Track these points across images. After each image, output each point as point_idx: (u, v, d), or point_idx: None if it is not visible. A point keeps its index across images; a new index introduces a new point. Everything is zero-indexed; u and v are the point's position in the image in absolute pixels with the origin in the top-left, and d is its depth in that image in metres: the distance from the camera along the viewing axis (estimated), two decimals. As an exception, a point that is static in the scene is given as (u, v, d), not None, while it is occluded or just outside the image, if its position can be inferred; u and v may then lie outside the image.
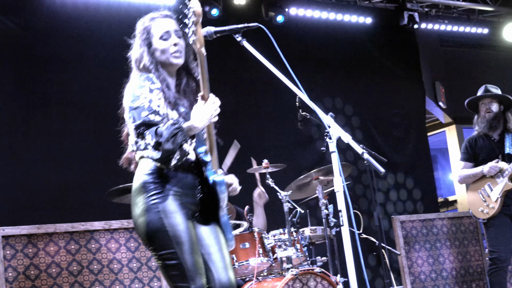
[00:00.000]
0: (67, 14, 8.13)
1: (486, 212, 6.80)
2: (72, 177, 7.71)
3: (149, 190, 3.80)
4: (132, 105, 3.81)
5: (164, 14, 4.22)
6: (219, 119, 7.98)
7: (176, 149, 3.67)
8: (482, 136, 6.99)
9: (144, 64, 4.03)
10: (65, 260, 5.58)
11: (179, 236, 3.72)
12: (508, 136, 6.91)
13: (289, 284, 5.97)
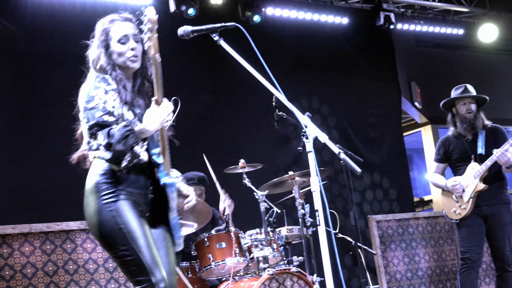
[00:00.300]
0: (63, 13, 8.11)
1: (458, 213, 6.82)
2: (46, 177, 7.67)
3: (101, 190, 3.84)
4: (87, 105, 3.86)
5: (124, 17, 4.33)
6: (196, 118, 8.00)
7: (127, 151, 3.72)
8: (456, 136, 7.00)
9: (101, 65, 4.08)
10: (40, 261, 5.55)
11: (133, 232, 3.76)
12: (481, 136, 6.91)
13: (266, 284, 5.97)
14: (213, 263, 6.21)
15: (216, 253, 6.25)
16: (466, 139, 6.95)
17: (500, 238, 6.75)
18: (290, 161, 9.06)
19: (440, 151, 7.08)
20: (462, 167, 6.91)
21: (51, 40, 8.08)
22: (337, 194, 8.75)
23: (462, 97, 6.98)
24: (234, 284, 6.20)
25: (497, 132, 6.98)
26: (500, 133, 6.97)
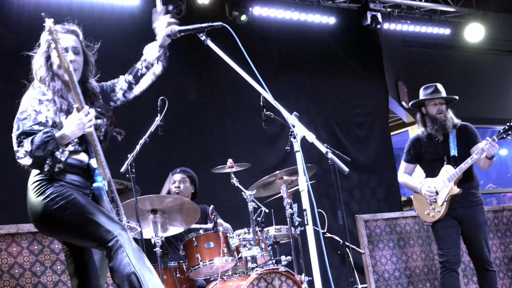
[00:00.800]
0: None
1: (432, 216, 6.81)
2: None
3: (42, 186, 4.02)
4: (20, 116, 3.98)
5: (66, 29, 4.46)
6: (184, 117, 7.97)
7: (47, 156, 3.83)
8: (427, 136, 6.95)
9: (41, 76, 4.20)
10: (28, 261, 5.52)
11: (85, 206, 3.96)
12: (452, 136, 6.90)
13: (254, 283, 5.97)
14: (201, 263, 6.21)
15: (204, 252, 6.24)
16: (437, 139, 6.91)
17: (477, 239, 6.75)
18: (278, 161, 9.07)
19: (411, 152, 7.04)
20: (434, 168, 6.89)
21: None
22: (325, 193, 8.76)
23: (432, 98, 6.93)
24: (222, 284, 6.20)
25: (467, 131, 6.95)
26: (470, 132, 6.95)
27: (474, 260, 6.85)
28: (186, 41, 4.56)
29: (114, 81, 4.71)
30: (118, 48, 8.51)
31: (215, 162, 6.88)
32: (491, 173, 14.13)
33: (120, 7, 8.61)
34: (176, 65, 8.83)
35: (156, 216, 6.29)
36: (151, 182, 7.43)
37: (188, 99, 8.88)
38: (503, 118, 11.97)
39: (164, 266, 6.32)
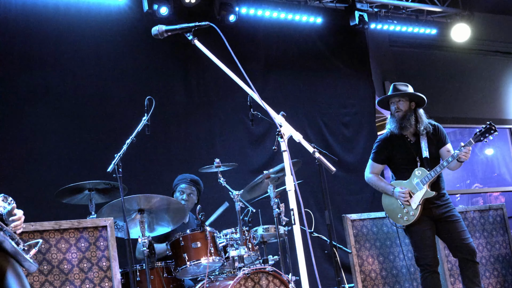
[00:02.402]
0: (35, 14, 8.07)
1: (406, 219, 6.81)
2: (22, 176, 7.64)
3: None
4: None
5: None
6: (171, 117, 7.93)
7: None
8: (396, 137, 6.96)
9: None
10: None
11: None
12: (423, 138, 6.91)
13: (241, 283, 5.97)
14: (188, 263, 6.21)
15: (191, 252, 6.24)
16: (408, 140, 6.94)
17: (461, 232, 6.80)
18: (265, 160, 9.07)
19: (381, 152, 7.05)
20: (405, 170, 6.92)
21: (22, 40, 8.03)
22: (312, 193, 8.77)
23: (390, 96, 6.94)
24: (210, 283, 6.20)
25: (437, 131, 7.00)
26: (439, 132, 7.01)
27: (459, 253, 6.85)
28: (173, 40, 4.55)
29: None
30: (106, 46, 8.51)
31: (202, 162, 6.88)
32: (477, 173, 14.18)
33: (107, 6, 8.58)
34: (163, 65, 8.83)
35: (143, 216, 6.28)
36: (138, 182, 7.43)
37: (175, 98, 8.87)
38: (489, 118, 11.98)
39: (151, 266, 6.31)
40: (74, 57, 8.31)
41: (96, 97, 8.32)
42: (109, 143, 7.11)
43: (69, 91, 8.19)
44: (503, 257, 8.40)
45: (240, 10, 9.44)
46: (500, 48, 12.76)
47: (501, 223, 8.52)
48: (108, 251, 5.86)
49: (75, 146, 8.02)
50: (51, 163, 7.84)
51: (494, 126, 6.64)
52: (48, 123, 7.96)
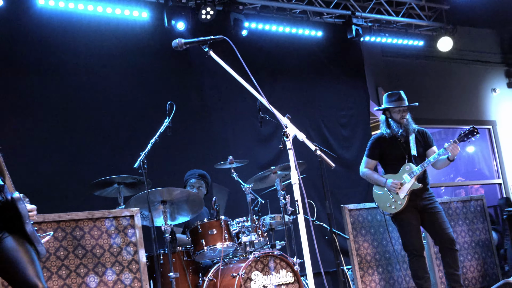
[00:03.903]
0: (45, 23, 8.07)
1: (394, 207, 6.85)
2: (54, 172, 7.66)
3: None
4: None
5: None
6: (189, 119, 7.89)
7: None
8: (389, 137, 6.98)
9: None
10: (52, 246, 5.51)
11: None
12: (412, 138, 6.96)
13: (252, 265, 5.98)
14: (205, 248, 6.21)
15: (208, 238, 6.24)
16: (399, 140, 6.96)
17: (442, 222, 6.84)
18: (272, 157, 9.06)
19: (375, 149, 7.07)
20: (396, 165, 6.95)
21: (60, 50, 8.05)
22: (314, 186, 8.75)
23: (399, 107, 6.95)
24: (224, 266, 6.20)
25: (424, 134, 7.10)
26: (426, 136, 7.11)
27: (440, 242, 6.89)
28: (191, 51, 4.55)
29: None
30: (131, 56, 8.52)
31: (217, 159, 6.88)
32: (460, 167, 14.13)
33: (133, 21, 8.60)
34: (182, 73, 8.83)
35: (165, 206, 6.29)
36: (161, 176, 7.43)
37: (193, 103, 8.87)
38: (470, 119, 12.00)
39: (173, 250, 6.32)
40: (106, 65, 8.33)
41: (123, 102, 8.33)
42: (135, 143, 7.12)
43: (99, 96, 8.20)
44: (483, 242, 8.39)
45: (250, 25, 9.44)
46: (480, 58, 12.72)
47: (481, 212, 8.51)
48: (135, 237, 5.87)
49: (105, 145, 8.03)
50: (84, 161, 7.85)
51: (476, 129, 6.78)
52: (81, 125, 7.98)
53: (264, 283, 6.00)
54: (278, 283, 6.07)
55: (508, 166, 12.63)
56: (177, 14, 8.62)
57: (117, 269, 5.71)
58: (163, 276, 6.21)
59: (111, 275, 5.67)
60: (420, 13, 11.24)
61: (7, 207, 3.92)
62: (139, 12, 8.57)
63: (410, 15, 11.19)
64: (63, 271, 5.49)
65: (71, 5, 8.08)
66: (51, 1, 7.95)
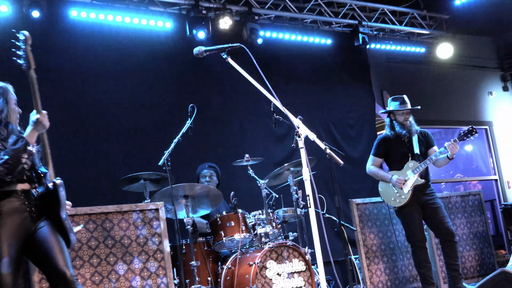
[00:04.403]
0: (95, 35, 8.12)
1: (398, 201, 6.83)
2: (88, 168, 7.69)
3: None
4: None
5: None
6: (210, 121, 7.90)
7: (21, 150, 3.82)
8: (394, 137, 6.99)
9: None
10: (84, 237, 5.54)
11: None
12: (415, 139, 6.95)
13: (267, 254, 5.98)
14: (224, 238, 6.22)
15: (227, 230, 6.26)
16: (403, 140, 6.95)
17: (442, 216, 6.83)
18: (286, 155, 9.05)
19: (381, 148, 7.06)
20: (400, 163, 6.94)
21: (91, 58, 8.08)
22: (324, 181, 8.73)
23: (403, 110, 6.94)
24: (242, 255, 6.21)
25: (426, 135, 7.10)
26: (429, 137, 7.10)
27: (440, 234, 6.88)
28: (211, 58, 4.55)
29: None
30: (157, 63, 8.54)
31: (234, 157, 6.89)
32: (459, 164, 14.07)
33: (157, 31, 8.62)
34: (203, 78, 8.84)
35: (187, 201, 6.30)
36: (184, 173, 7.44)
37: (213, 106, 8.88)
38: (469, 120, 11.93)
39: (194, 241, 6.33)
40: (133, 71, 8.36)
41: (149, 105, 8.35)
42: (160, 142, 7.13)
43: (127, 100, 8.23)
44: (480, 234, 8.35)
45: (265, 33, 9.44)
46: (477, 63, 12.66)
47: (479, 206, 8.48)
48: (160, 229, 5.89)
49: (133, 144, 8.06)
50: (114, 159, 7.88)
51: (475, 129, 6.81)
52: (111, 127, 8.01)
53: (278, 271, 6.00)
54: (291, 271, 6.07)
55: (504, 163, 12.56)
56: (198, 24, 8.64)
57: (143, 258, 5.73)
58: (185, 264, 6.23)
59: (138, 263, 5.69)
60: (421, 22, 11.19)
61: (48, 194, 3.95)
62: (163, 22, 8.59)
63: (412, 24, 11.14)
64: (94, 260, 5.52)
65: (101, 16, 8.11)
66: (83, 13, 7.99)
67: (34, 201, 3.97)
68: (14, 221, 3.83)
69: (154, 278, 5.73)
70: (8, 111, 4.06)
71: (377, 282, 7.36)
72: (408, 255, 7.56)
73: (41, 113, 3.84)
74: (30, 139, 3.82)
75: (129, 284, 5.60)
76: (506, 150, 12.62)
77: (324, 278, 3.99)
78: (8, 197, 3.84)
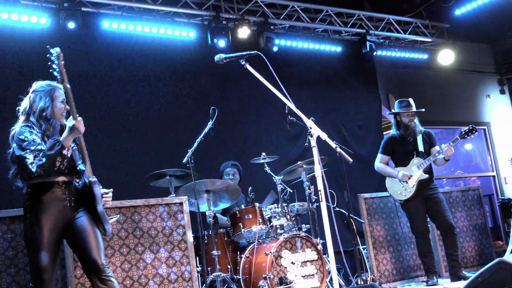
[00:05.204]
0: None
1: (404, 195, 6.80)
2: (119, 165, 7.71)
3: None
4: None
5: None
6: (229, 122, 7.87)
7: (57, 154, 3.83)
8: (400, 136, 6.97)
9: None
10: (115, 228, 5.56)
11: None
12: (419, 138, 6.93)
13: (282, 245, 5.96)
14: (243, 230, 6.21)
15: (245, 222, 6.25)
16: (408, 139, 6.92)
17: (444, 210, 6.80)
18: (299, 154, 9.03)
19: (388, 147, 7.04)
20: (405, 160, 6.91)
21: (123, 65, 8.10)
22: (334, 178, 8.71)
23: (407, 112, 6.90)
24: (259, 245, 6.19)
25: (430, 135, 7.07)
26: (432, 137, 7.08)
27: (441, 226, 6.86)
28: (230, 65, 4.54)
29: None
30: (182, 69, 8.55)
31: (252, 155, 6.87)
32: (459, 162, 13.96)
33: (182, 40, 8.63)
34: (223, 83, 8.84)
35: (209, 195, 6.30)
36: (205, 170, 7.44)
37: (232, 108, 8.88)
38: (468, 121, 11.82)
39: (215, 232, 6.33)
40: (160, 77, 8.39)
41: (174, 108, 8.36)
42: (184, 141, 7.14)
43: (154, 104, 8.25)
44: (479, 226, 8.28)
45: (280, 42, 9.43)
46: (476, 68, 12.56)
47: (478, 200, 8.41)
48: (184, 221, 5.89)
49: (159, 143, 8.07)
50: (141, 156, 7.90)
51: (475, 128, 6.79)
52: (139, 127, 8.03)
53: (292, 260, 5.98)
54: (304, 260, 6.04)
55: (501, 161, 12.45)
56: (218, 34, 8.64)
57: (169, 247, 5.74)
58: (207, 253, 6.23)
59: (163, 252, 5.70)
60: (424, 30, 11.12)
61: (85, 190, 3.98)
62: (187, 32, 8.59)
63: (416, 32, 11.07)
64: (124, 249, 5.53)
65: (131, 27, 8.14)
66: (114, 24, 8.02)
67: (74, 192, 4.03)
68: (55, 209, 3.91)
69: (179, 266, 5.73)
70: (52, 108, 4.07)
71: (383, 270, 7.31)
72: (413, 245, 7.51)
73: (76, 120, 3.84)
74: (66, 143, 3.83)
75: (155, 271, 5.60)
76: (503, 149, 12.52)
77: (335, 267, 3.97)
78: (51, 187, 3.92)
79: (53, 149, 3.76)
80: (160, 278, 5.61)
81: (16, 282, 5.04)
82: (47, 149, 3.76)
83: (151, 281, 5.56)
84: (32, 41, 7.35)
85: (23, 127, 3.96)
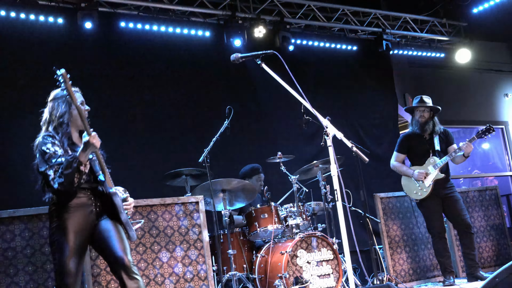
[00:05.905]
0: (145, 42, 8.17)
1: (419, 194, 6.76)
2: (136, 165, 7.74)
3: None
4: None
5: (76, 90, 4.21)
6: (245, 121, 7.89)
7: (74, 171, 3.79)
8: (416, 135, 6.91)
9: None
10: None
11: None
12: (436, 136, 6.87)
13: (298, 244, 5.95)
14: (258, 229, 6.21)
15: (261, 221, 6.24)
16: (424, 137, 6.87)
17: (461, 209, 6.75)
18: (315, 153, 9.00)
19: (404, 145, 7.00)
20: (421, 158, 6.85)
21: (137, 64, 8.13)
22: (350, 177, 8.68)
23: (418, 107, 6.88)
24: (275, 244, 6.19)
25: (447, 134, 7.00)
26: (449, 135, 7.01)
27: (458, 226, 6.81)
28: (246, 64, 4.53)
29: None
30: (198, 68, 8.57)
31: (268, 154, 6.86)
32: (476, 161, 13.87)
33: (198, 39, 8.65)
34: (239, 82, 8.84)
35: (225, 194, 6.30)
36: (221, 169, 7.45)
37: (248, 107, 8.88)
38: (485, 120, 11.73)
39: (231, 231, 6.33)
40: (176, 76, 8.41)
41: (190, 107, 8.38)
42: (200, 141, 7.14)
43: (170, 102, 8.27)
44: (496, 226, 8.21)
45: (296, 41, 9.41)
46: (493, 67, 12.46)
47: (495, 200, 8.34)
48: (200, 220, 5.89)
49: (175, 143, 8.09)
50: (158, 156, 7.92)
51: (492, 127, 6.72)
52: (155, 127, 8.05)
53: (308, 259, 5.97)
54: (320, 259, 6.03)
55: (519, 161, 12.36)
56: (234, 33, 8.65)
57: (185, 246, 5.74)
58: (223, 252, 6.23)
59: (179, 251, 5.71)
60: (441, 29, 11.04)
61: (107, 198, 4.00)
62: (203, 31, 8.61)
63: (432, 31, 11.00)
64: (140, 248, 5.55)
65: (147, 27, 8.18)
66: (131, 24, 8.05)
67: (100, 198, 4.05)
68: (81, 214, 3.93)
69: (195, 265, 5.73)
70: (71, 113, 4.08)
71: (399, 270, 7.27)
72: (429, 245, 7.46)
73: (91, 135, 3.81)
74: (82, 159, 3.80)
75: (171, 270, 5.61)
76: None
77: (351, 266, 3.95)
78: (77, 193, 3.94)
79: (70, 168, 3.74)
80: (176, 277, 5.62)
81: (34, 280, 5.07)
82: (64, 168, 3.74)
83: (167, 280, 5.57)
84: (50, 41, 7.40)
85: (45, 137, 3.96)
